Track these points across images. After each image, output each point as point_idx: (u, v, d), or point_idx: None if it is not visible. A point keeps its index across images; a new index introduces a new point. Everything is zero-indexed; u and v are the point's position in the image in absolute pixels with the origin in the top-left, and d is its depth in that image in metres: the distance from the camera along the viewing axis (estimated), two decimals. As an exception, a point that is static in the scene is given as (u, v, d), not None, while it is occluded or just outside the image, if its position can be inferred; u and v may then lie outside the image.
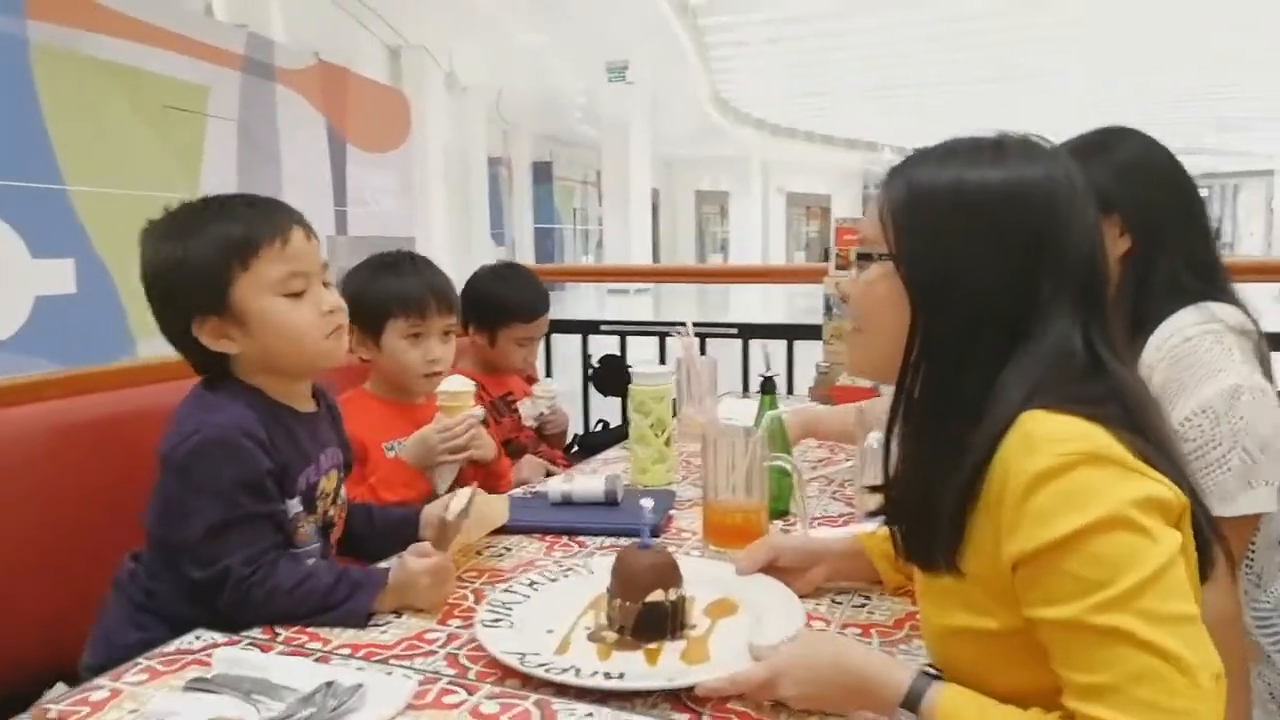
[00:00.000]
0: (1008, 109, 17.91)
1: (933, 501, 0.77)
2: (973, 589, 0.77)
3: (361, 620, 1.01)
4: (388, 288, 1.61)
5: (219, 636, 0.98)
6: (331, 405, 1.28)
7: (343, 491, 1.26)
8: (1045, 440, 0.70)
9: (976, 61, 14.05)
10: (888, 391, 0.90)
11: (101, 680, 0.88)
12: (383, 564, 1.12)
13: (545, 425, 2.08)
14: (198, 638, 0.97)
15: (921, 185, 0.80)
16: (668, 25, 11.66)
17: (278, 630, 1.00)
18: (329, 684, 0.82)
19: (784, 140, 21.21)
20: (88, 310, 4.55)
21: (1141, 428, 0.73)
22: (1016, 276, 0.76)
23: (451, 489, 1.57)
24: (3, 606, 1.23)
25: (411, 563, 1.04)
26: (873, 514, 0.95)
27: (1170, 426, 0.81)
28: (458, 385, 1.56)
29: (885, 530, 0.90)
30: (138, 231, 1.14)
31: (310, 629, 1.00)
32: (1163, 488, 0.69)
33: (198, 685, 0.85)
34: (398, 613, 1.05)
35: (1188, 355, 1.11)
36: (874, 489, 0.90)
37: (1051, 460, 0.69)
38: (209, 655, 0.92)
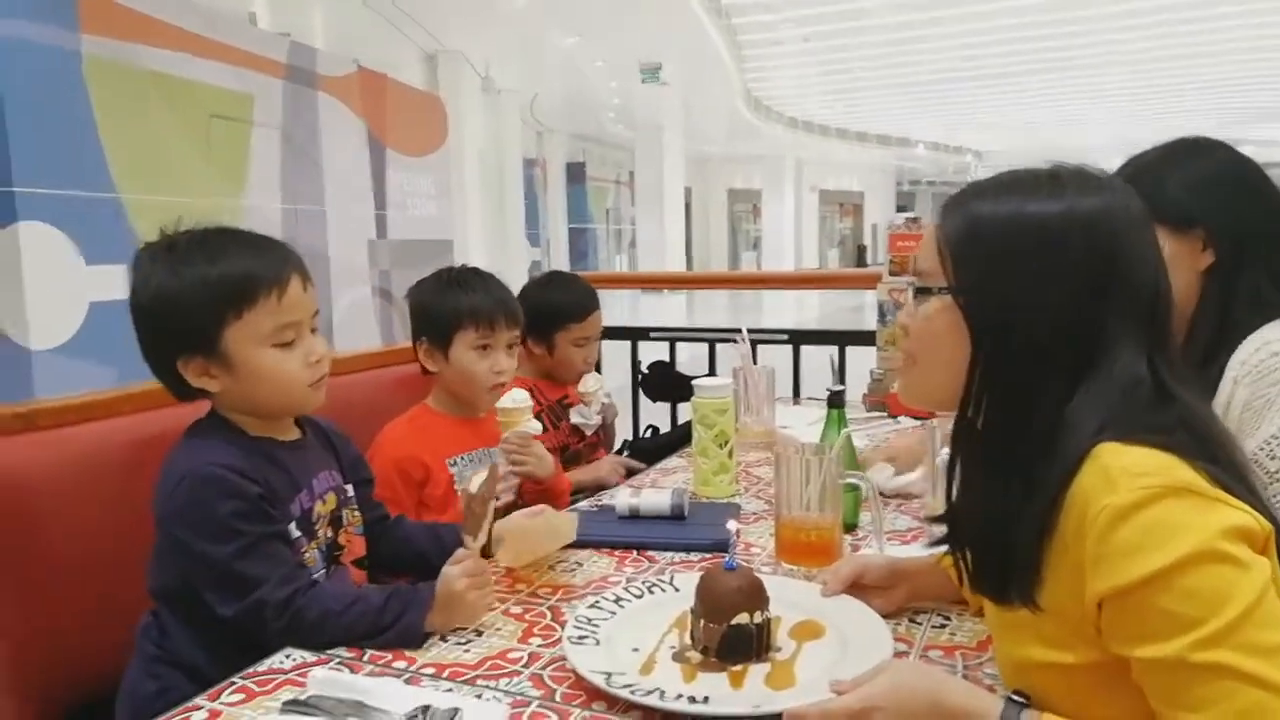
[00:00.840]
0: (1045, 103, 17.69)
1: (1005, 534, 0.76)
2: (1048, 623, 0.76)
3: (417, 640, 1.01)
4: (458, 301, 1.63)
5: (309, 656, 0.99)
6: (324, 428, 1.27)
7: (347, 514, 1.24)
8: (1123, 474, 0.69)
9: (1013, 55, 13.87)
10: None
11: (201, 700, 0.90)
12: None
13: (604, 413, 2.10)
14: (288, 656, 0.99)
15: (980, 217, 0.80)
16: (701, 25, 11.64)
17: (364, 649, 1.02)
18: (426, 709, 0.83)
19: (816, 138, 21.09)
20: (139, 316, 4.65)
21: (1214, 456, 0.73)
22: (1079, 308, 0.76)
23: (511, 508, 1.59)
24: (88, 615, 1.26)
25: (447, 570, 1.04)
26: (936, 542, 0.94)
27: (1243, 452, 0.79)
28: (515, 400, 1.58)
29: None
30: None
31: (393, 649, 1.01)
32: (1247, 516, 0.68)
33: (295, 708, 0.86)
34: (479, 631, 1.06)
35: (1274, 370, 1.08)
36: (937, 519, 0.90)
37: (1133, 494, 0.68)
38: (302, 675, 0.93)
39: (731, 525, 1.05)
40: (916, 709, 0.79)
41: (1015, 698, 0.78)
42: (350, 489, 1.27)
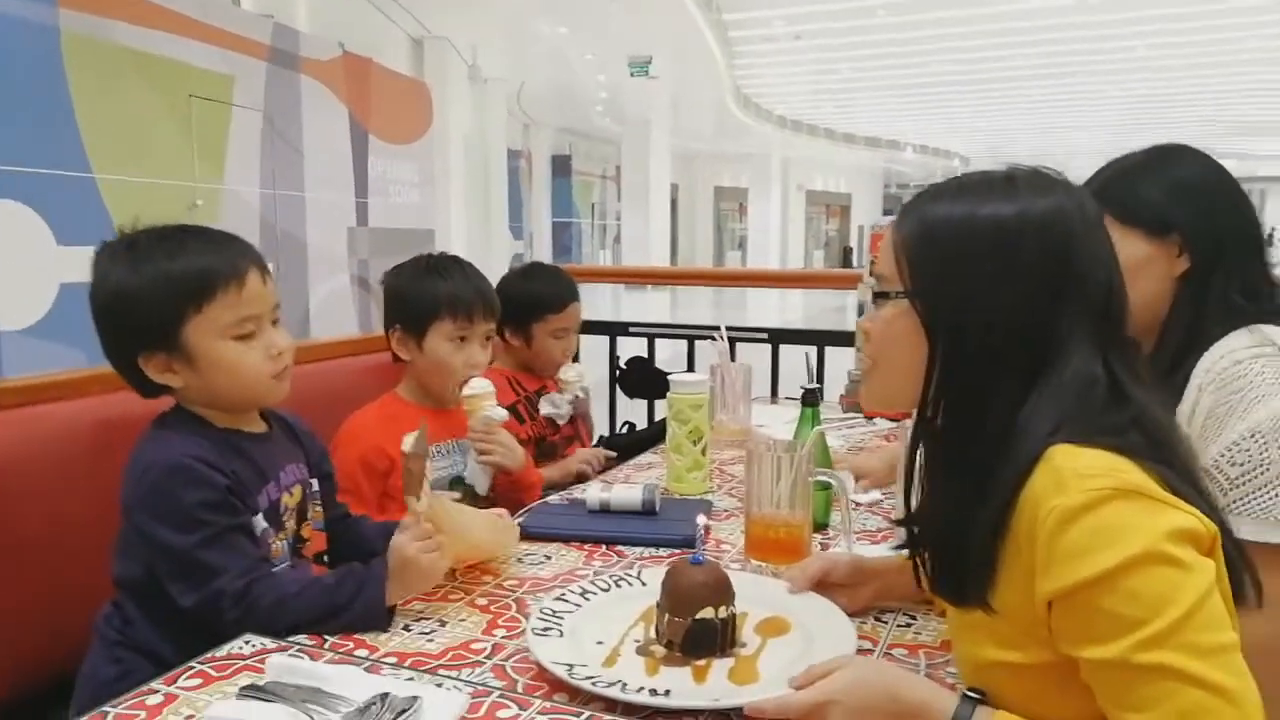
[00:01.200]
0: (1033, 109, 17.83)
1: (961, 536, 0.77)
2: (1002, 623, 0.77)
3: (383, 619, 1.01)
4: (436, 289, 1.61)
5: (268, 642, 0.98)
6: (290, 422, 1.27)
7: (311, 508, 1.24)
8: (1073, 476, 0.70)
9: (1002, 61, 13.96)
10: None
11: (156, 684, 0.88)
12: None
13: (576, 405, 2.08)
14: (247, 642, 0.98)
15: (934, 220, 0.81)
16: (691, 20, 11.62)
17: (326, 636, 1.01)
18: (384, 696, 0.82)
19: (805, 138, 21.13)
20: (113, 297, 4.58)
21: (1166, 457, 0.74)
22: (1033, 309, 0.76)
23: (486, 501, 1.59)
24: (50, 595, 1.25)
25: (396, 538, 1.04)
26: (898, 547, 0.95)
27: (1193, 452, 0.81)
28: (475, 388, 1.58)
29: None
30: (164, 219, 1.15)
31: (356, 637, 1.01)
32: (1192, 518, 0.69)
33: (252, 693, 0.85)
34: (442, 621, 1.05)
35: (1238, 379, 1.09)
36: (898, 522, 0.91)
37: (1081, 496, 0.69)
38: (261, 661, 0.92)
39: (700, 520, 1.05)
40: (874, 703, 0.79)
41: (970, 694, 0.79)
42: (315, 483, 1.26)
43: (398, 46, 9.67)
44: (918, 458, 0.84)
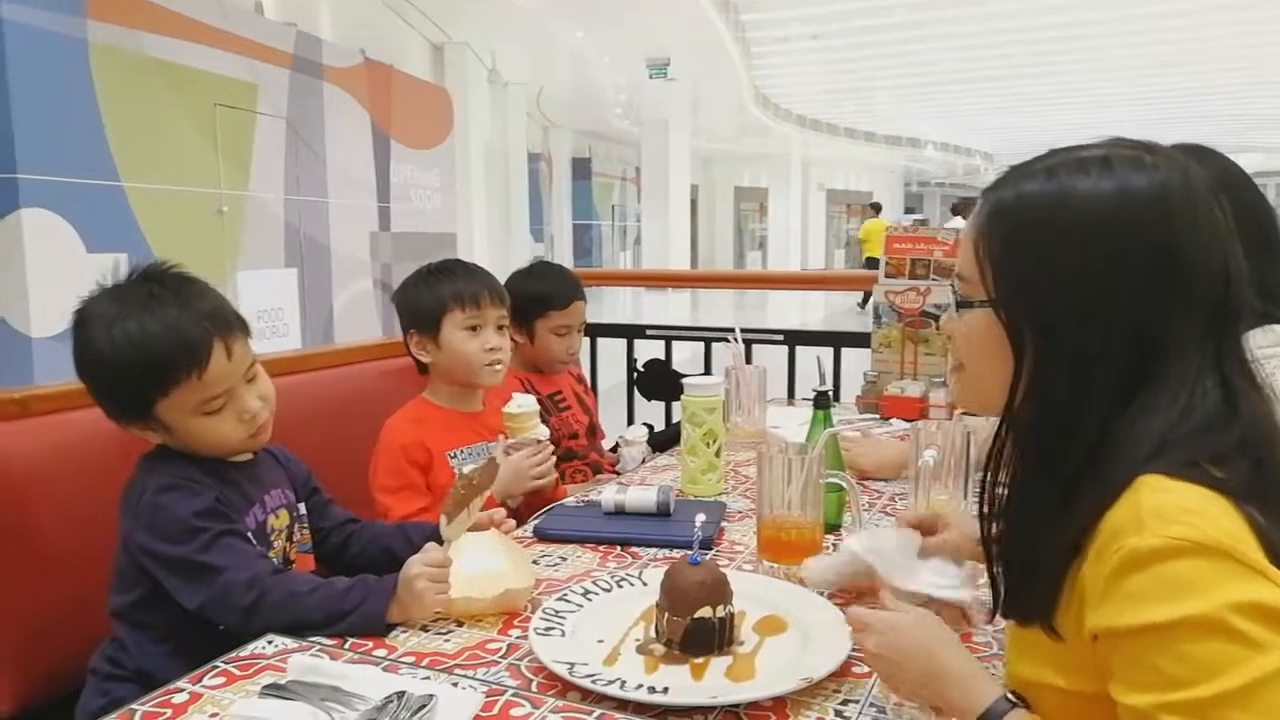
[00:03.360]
0: (1056, 106, 17.65)
1: (1035, 554, 0.72)
2: (1059, 646, 0.72)
3: (380, 627, 1.03)
4: (442, 287, 1.65)
5: (290, 642, 1.01)
6: (274, 451, 1.30)
7: (299, 531, 1.28)
8: (1154, 516, 0.63)
9: (1024, 58, 13.84)
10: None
11: (181, 683, 0.91)
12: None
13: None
14: (270, 642, 1.01)
15: (1018, 211, 0.74)
16: (709, 21, 11.63)
17: (345, 636, 1.03)
18: (401, 695, 0.84)
19: (824, 137, 21.07)
20: (141, 304, 4.66)
21: (1272, 493, 0.67)
22: (1136, 307, 0.69)
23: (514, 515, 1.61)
24: (72, 602, 1.28)
25: (410, 560, 1.06)
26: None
27: None
28: (521, 405, 1.59)
29: None
30: (190, 226, 1.17)
31: (375, 637, 1.03)
32: None
33: (274, 691, 0.88)
34: (459, 622, 1.07)
35: None
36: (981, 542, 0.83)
37: (1157, 541, 0.62)
38: (283, 661, 0.95)
39: (699, 518, 1.06)
40: (909, 651, 0.81)
41: (1011, 697, 0.76)
42: (302, 507, 1.30)
43: (418, 53, 9.76)
44: (995, 469, 0.78)
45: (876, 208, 16.98)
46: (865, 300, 13.34)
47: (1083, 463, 0.70)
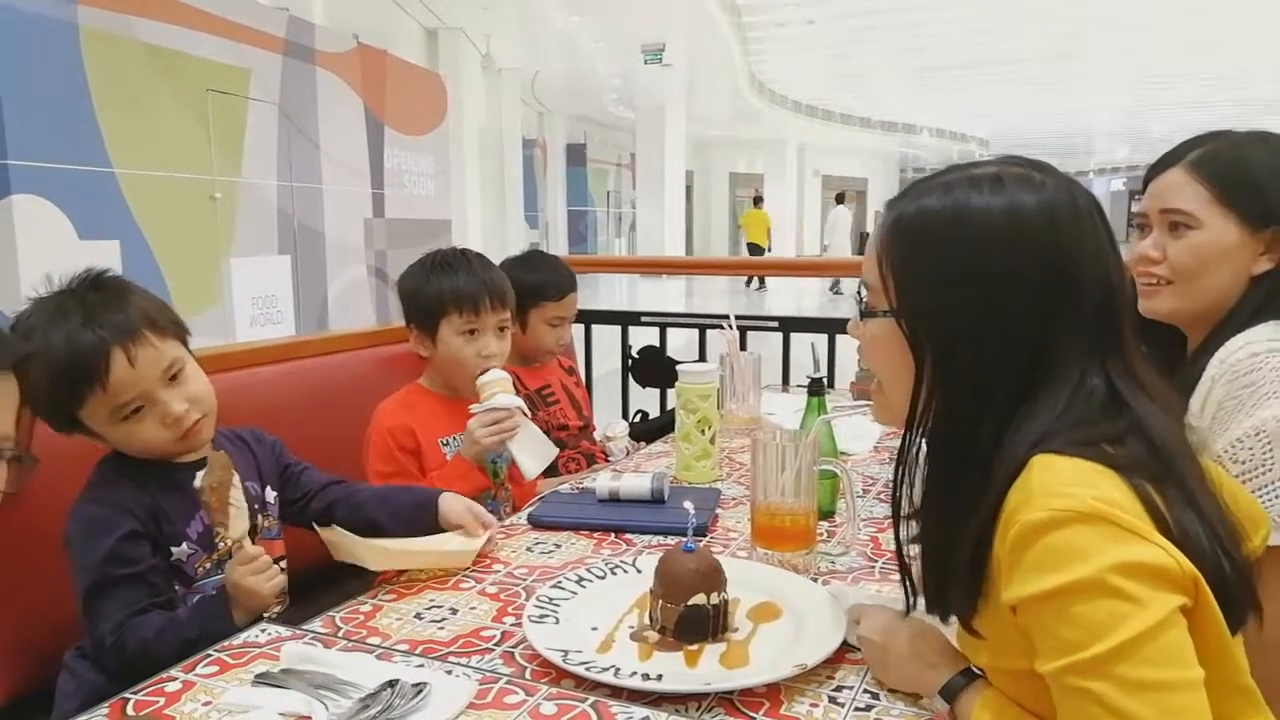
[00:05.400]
0: (1052, 90, 17.63)
1: (947, 553, 0.77)
2: (993, 635, 0.77)
3: (231, 634, 1.02)
4: (442, 286, 1.63)
5: (284, 630, 1.01)
6: (241, 435, 1.31)
7: (262, 519, 1.27)
8: (1041, 491, 0.69)
9: (1021, 42, 13.79)
10: None
11: (175, 672, 0.91)
12: None
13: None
14: (263, 630, 1.00)
15: (918, 226, 0.78)
16: (704, 6, 11.57)
17: (339, 624, 1.03)
18: (394, 683, 0.84)
19: (820, 123, 21.01)
20: (134, 291, 4.64)
21: (1164, 472, 0.71)
22: (1027, 316, 0.74)
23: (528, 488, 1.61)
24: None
25: (228, 568, 1.11)
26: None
27: (1200, 466, 0.76)
28: (491, 375, 1.58)
29: None
30: (183, 213, 1.15)
31: (369, 625, 1.03)
32: (1159, 553, 0.66)
33: (267, 679, 0.88)
34: (454, 609, 1.07)
35: (1251, 372, 1.04)
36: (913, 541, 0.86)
37: (1042, 515, 0.67)
38: (276, 649, 0.95)
39: (688, 505, 1.07)
40: (897, 631, 0.88)
41: (974, 669, 0.81)
42: (269, 492, 1.30)
43: (412, 38, 9.69)
44: (908, 472, 0.82)
45: (758, 200, 18.10)
46: (835, 284, 13.60)
47: (981, 463, 0.74)
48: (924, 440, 0.80)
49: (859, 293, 0.85)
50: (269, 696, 0.85)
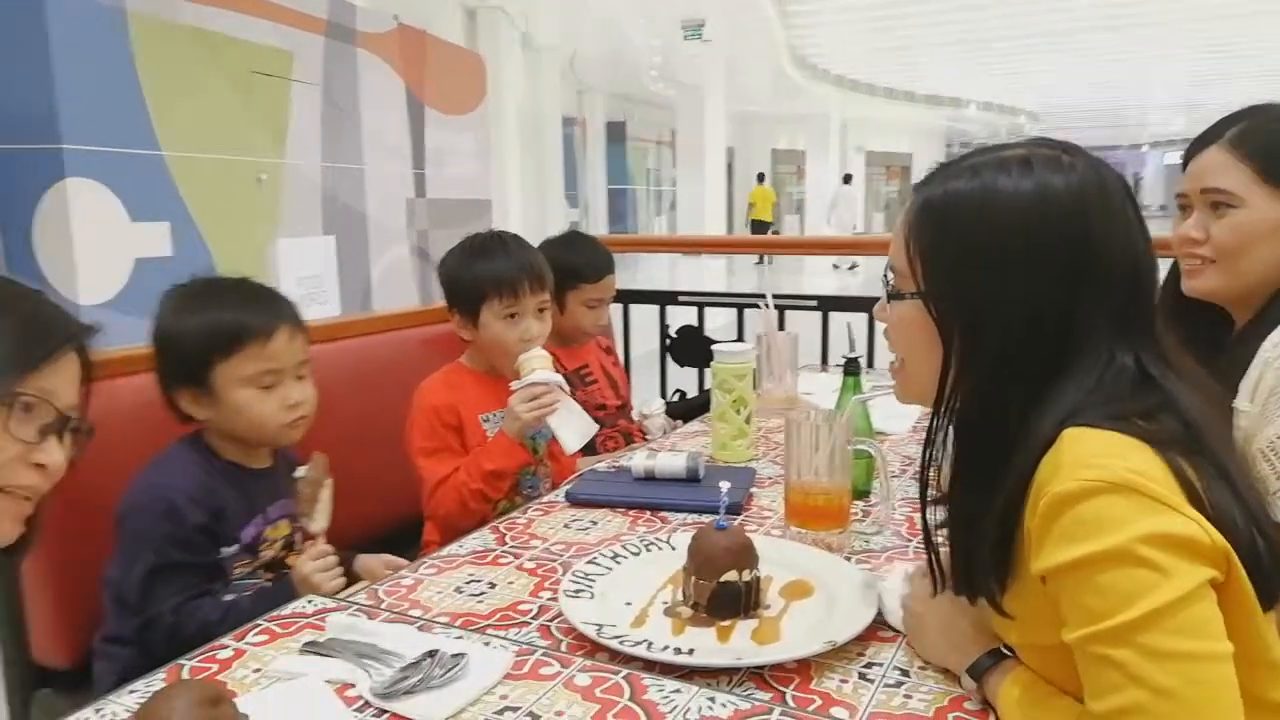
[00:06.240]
0: (1105, 61, 17.13)
1: (975, 530, 0.77)
2: (1026, 611, 0.77)
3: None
4: (481, 271, 1.66)
5: (329, 602, 1.04)
6: (293, 460, 1.34)
7: (300, 538, 1.33)
8: (1071, 462, 0.69)
9: (1072, 11, 13.40)
10: None
11: (227, 640, 0.95)
12: None
13: None
14: (309, 602, 1.04)
15: (945, 208, 0.79)
16: (745, -19, 11.41)
17: (382, 597, 1.07)
18: (434, 653, 0.87)
19: (864, 97, 20.66)
20: (183, 271, 4.74)
21: (1197, 447, 0.71)
22: (1053, 300, 0.74)
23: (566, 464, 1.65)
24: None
25: (298, 561, 1.20)
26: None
27: (1233, 446, 0.77)
28: (529, 355, 1.60)
29: None
30: (230, 194, 1.23)
31: (410, 598, 1.06)
32: (1190, 525, 0.67)
33: (313, 648, 0.91)
34: (492, 584, 1.10)
35: None
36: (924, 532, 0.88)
37: (1073, 485, 0.68)
38: (322, 620, 0.98)
39: (724, 484, 1.08)
40: (943, 607, 0.88)
41: (1002, 650, 0.82)
42: None
43: (451, 17, 9.71)
44: (936, 454, 0.83)
45: (760, 177, 18.24)
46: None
47: (1011, 440, 0.75)
48: (952, 422, 0.81)
49: (885, 276, 0.86)
50: (315, 664, 0.88)
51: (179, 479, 1.22)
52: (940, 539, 0.86)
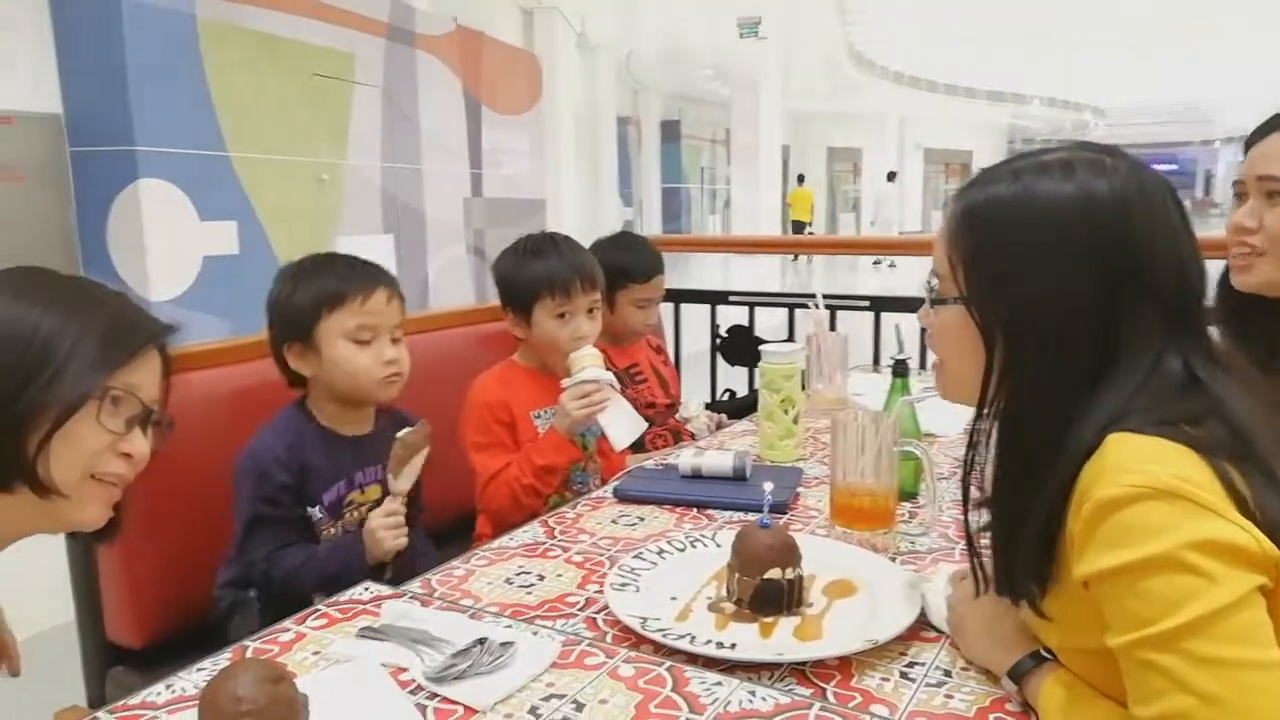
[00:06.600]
0: (1174, 58, 16.61)
1: (1017, 533, 0.77)
2: (1064, 613, 0.77)
3: (365, 574, 1.21)
4: (534, 271, 1.69)
5: (384, 590, 1.08)
6: (404, 422, 1.42)
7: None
8: (1116, 467, 0.69)
9: (1141, 4, 13.02)
10: None
11: (287, 623, 1.00)
12: None
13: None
14: (366, 589, 1.08)
15: (986, 213, 0.79)
16: (802, -23, 11.33)
17: (435, 586, 1.10)
18: (483, 640, 0.90)
19: (922, 94, 20.34)
20: (249, 270, 4.90)
21: (1245, 452, 0.70)
22: (1097, 304, 0.74)
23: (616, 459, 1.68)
24: (190, 553, 1.42)
25: (371, 518, 1.32)
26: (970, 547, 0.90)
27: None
28: (581, 354, 1.62)
29: None
30: (293, 194, 1.31)
31: (462, 588, 1.10)
32: (1238, 532, 0.66)
33: (369, 633, 0.95)
34: (541, 576, 1.13)
35: None
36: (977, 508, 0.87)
37: (1117, 490, 0.68)
38: (378, 606, 1.02)
39: (768, 485, 1.09)
40: (986, 606, 0.88)
41: (1045, 653, 0.82)
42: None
43: (508, 18, 9.82)
44: (979, 457, 0.83)
45: (800, 178, 18.20)
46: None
47: (1054, 443, 0.74)
48: (995, 424, 0.81)
49: (929, 281, 0.86)
50: (370, 648, 0.92)
51: (272, 441, 1.34)
52: (983, 541, 0.86)
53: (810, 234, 16.62)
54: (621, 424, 1.59)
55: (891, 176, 16.99)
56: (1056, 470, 0.73)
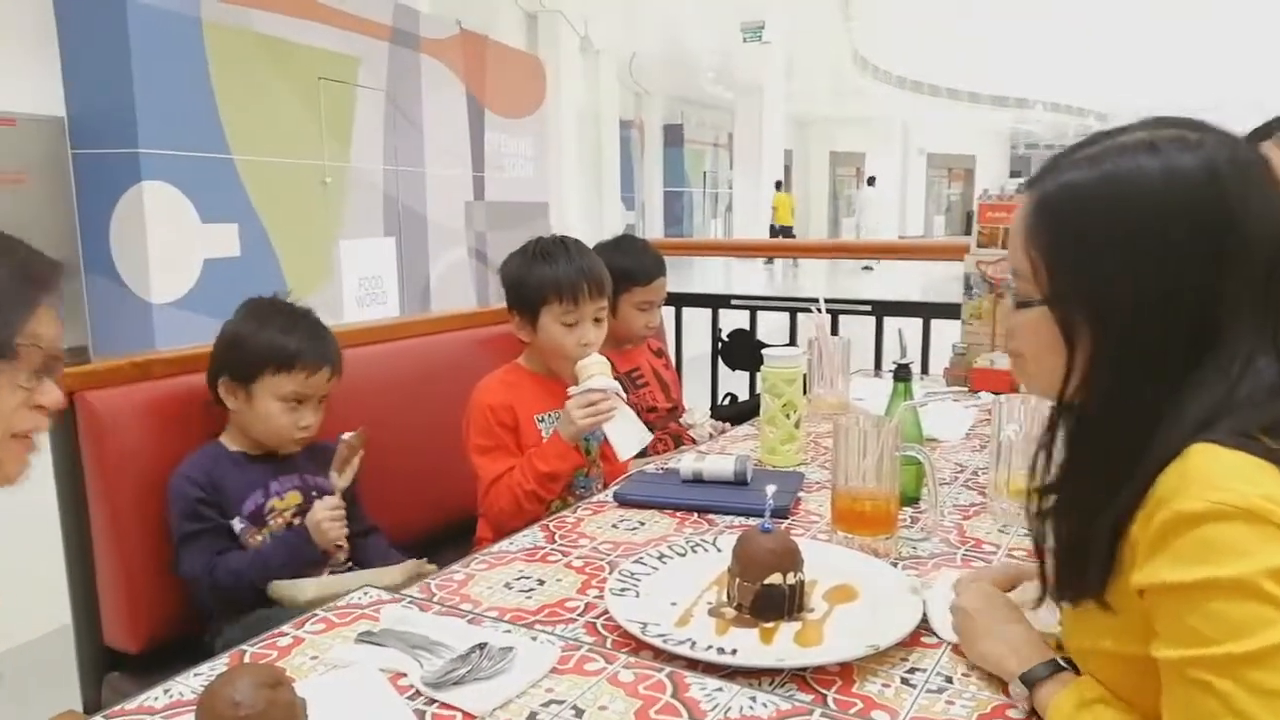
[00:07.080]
0: (1178, 59, 16.59)
1: (1089, 533, 0.73)
2: (1116, 616, 0.74)
3: (316, 559, 1.40)
4: (542, 275, 1.68)
5: (384, 595, 1.08)
6: (323, 449, 1.52)
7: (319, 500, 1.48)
8: (1200, 481, 0.65)
9: (1145, 5, 13.01)
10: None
11: (286, 628, 0.99)
12: None
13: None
14: (365, 593, 1.08)
15: (1067, 201, 0.73)
16: (805, -18, 11.35)
17: (434, 590, 1.10)
18: (483, 645, 0.89)
19: (925, 98, 20.37)
20: (250, 271, 4.91)
21: None
22: (1188, 290, 0.69)
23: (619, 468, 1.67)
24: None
25: (314, 511, 1.42)
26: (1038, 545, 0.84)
27: None
28: (588, 362, 1.62)
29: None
30: (296, 197, 1.31)
31: (461, 592, 1.09)
32: None
33: (368, 638, 0.95)
34: (541, 580, 1.13)
35: None
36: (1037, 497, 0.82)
37: (1201, 505, 0.64)
38: (376, 611, 1.02)
39: (770, 488, 1.09)
40: (995, 604, 0.89)
41: (1060, 661, 0.81)
42: (323, 481, 1.52)
43: (511, 22, 9.83)
44: (1048, 449, 0.79)
45: (778, 185, 18.00)
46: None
47: (1135, 443, 0.70)
48: (1072, 421, 0.77)
49: (1008, 281, 0.82)
50: (369, 653, 0.92)
51: (185, 468, 1.42)
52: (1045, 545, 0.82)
53: (792, 238, 16.65)
54: (627, 434, 1.58)
55: (871, 181, 17.10)
56: (1134, 474, 0.69)
